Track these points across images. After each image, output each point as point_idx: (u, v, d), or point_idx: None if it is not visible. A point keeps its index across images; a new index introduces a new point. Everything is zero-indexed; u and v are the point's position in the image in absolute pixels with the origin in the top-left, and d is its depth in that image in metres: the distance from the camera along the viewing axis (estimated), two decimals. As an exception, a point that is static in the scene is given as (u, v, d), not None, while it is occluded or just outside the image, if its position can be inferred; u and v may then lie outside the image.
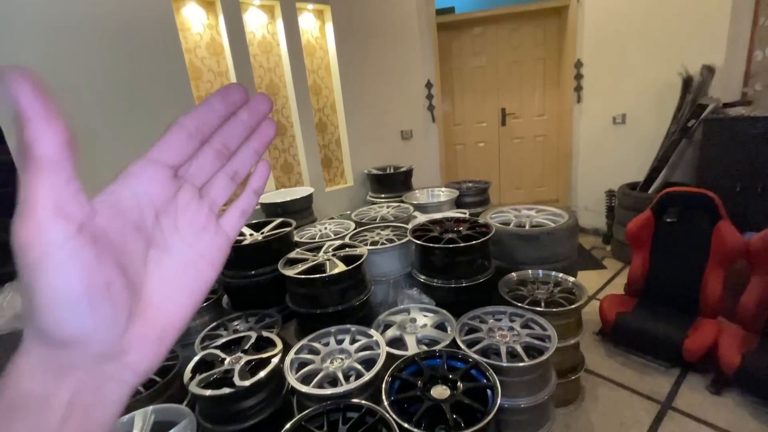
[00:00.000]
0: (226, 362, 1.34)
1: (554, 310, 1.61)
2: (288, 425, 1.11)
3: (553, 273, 1.87)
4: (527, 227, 2.05)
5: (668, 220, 2.18)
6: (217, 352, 1.40)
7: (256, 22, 2.82)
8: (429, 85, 3.74)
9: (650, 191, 2.98)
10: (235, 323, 1.81)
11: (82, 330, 0.21)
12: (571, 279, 1.82)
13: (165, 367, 1.47)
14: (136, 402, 1.30)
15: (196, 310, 0.27)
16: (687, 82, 2.87)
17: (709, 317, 2.00)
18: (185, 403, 1.35)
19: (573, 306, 1.62)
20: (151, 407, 1.25)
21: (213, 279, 0.28)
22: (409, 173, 3.20)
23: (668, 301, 2.13)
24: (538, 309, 1.59)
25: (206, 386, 1.25)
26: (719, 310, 2.00)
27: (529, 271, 1.90)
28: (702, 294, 2.02)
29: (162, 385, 1.37)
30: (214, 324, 1.77)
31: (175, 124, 0.27)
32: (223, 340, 1.48)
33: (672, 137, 2.92)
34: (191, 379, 1.28)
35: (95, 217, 0.22)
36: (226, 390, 1.21)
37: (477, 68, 3.97)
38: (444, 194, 2.81)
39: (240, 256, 1.95)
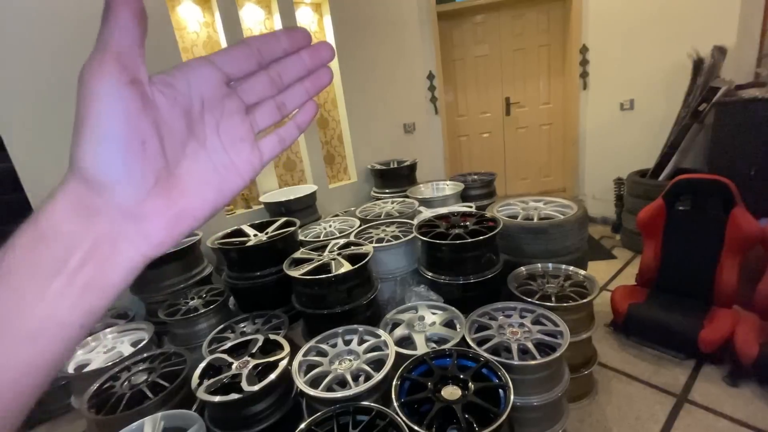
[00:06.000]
0: (233, 367, 1.33)
1: (565, 304, 1.57)
2: (297, 430, 1.09)
3: (563, 266, 1.83)
4: (535, 220, 2.01)
5: (681, 207, 2.12)
6: (224, 356, 1.38)
7: (253, 18, 2.78)
8: (431, 76, 3.68)
9: (661, 178, 2.91)
10: (242, 325, 1.80)
11: (113, 174, 0.23)
12: (582, 272, 1.78)
13: (173, 372, 1.46)
14: (145, 408, 1.29)
15: (214, 212, 0.29)
16: (697, 65, 2.78)
17: (725, 307, 1.95)
18: (194, 408, 1.35)
19: (585, 300, 1.59)
20: (160, 413, 1.25)
21: (238, 189, 0.30)
22: (413, 167, 3.16)
23: (682, 291, 2.08)
24: (549, 304, 1.56)
25: (214, 392, 1.24)
26: (734, 299, 1.96)
27: (539, 265, 1.86)
28: (717, 283, 1.97)
29: (171, 390, 1.36)
30: (222, 326, 1.76)
31: (240, 41, 0.29)
32: (230, 344, 1.46)
33: (682, 122, 2.84)
34: (199, 384, 1.27)
35: (149, 83, 0.24)
36: (234, 396, 1.20)
37: (479, 57, 3.89)
38: (449, 188, 2.77)
39: (245, 257, 1.93)
